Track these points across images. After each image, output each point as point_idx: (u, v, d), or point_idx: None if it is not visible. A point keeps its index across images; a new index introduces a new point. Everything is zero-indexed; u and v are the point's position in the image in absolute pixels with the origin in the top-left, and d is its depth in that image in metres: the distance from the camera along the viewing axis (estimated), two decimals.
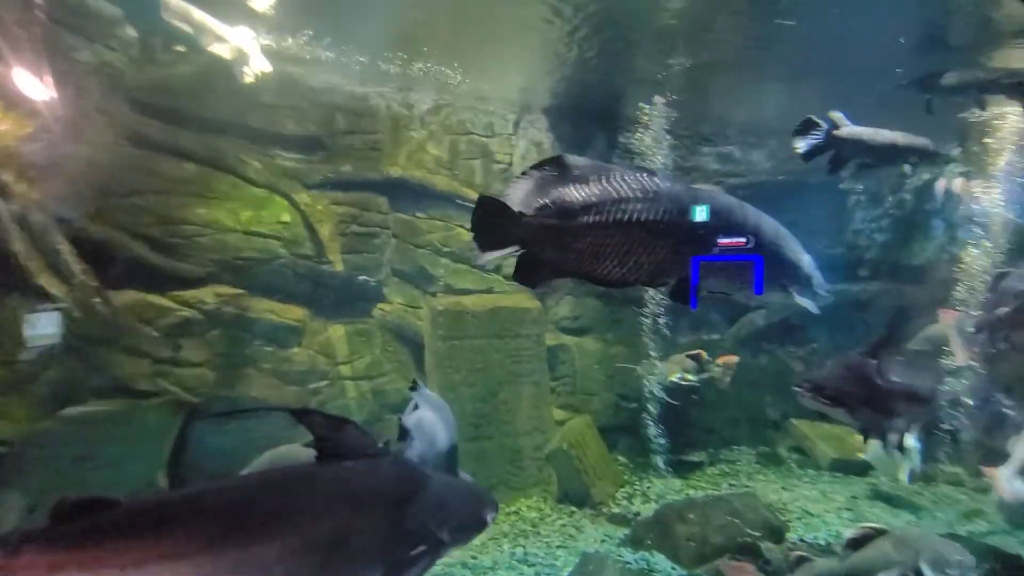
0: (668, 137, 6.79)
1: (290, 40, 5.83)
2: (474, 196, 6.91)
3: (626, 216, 2.45)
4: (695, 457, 7.41)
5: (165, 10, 4.47)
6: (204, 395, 5.37)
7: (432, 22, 5.54)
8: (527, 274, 2.54)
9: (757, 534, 4.92)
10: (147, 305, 5.24)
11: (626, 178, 2.49)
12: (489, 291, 6.99)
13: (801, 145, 4.15)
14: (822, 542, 5.28)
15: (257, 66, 5.04)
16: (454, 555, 5.02)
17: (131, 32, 5.09)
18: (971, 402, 6.15)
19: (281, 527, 1.61)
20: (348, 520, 1.74)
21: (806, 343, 7.94)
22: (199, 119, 5.71)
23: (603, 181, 2.47)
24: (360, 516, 1.78)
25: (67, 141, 4.85)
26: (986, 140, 6.57)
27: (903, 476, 6.12)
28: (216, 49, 4.87)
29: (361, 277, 6.35)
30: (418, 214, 6.84)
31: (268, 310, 5.77)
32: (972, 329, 6.03)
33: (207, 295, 5.52)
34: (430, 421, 3.21)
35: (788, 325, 7.89)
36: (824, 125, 4.21)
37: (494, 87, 6.98)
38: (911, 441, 5.78)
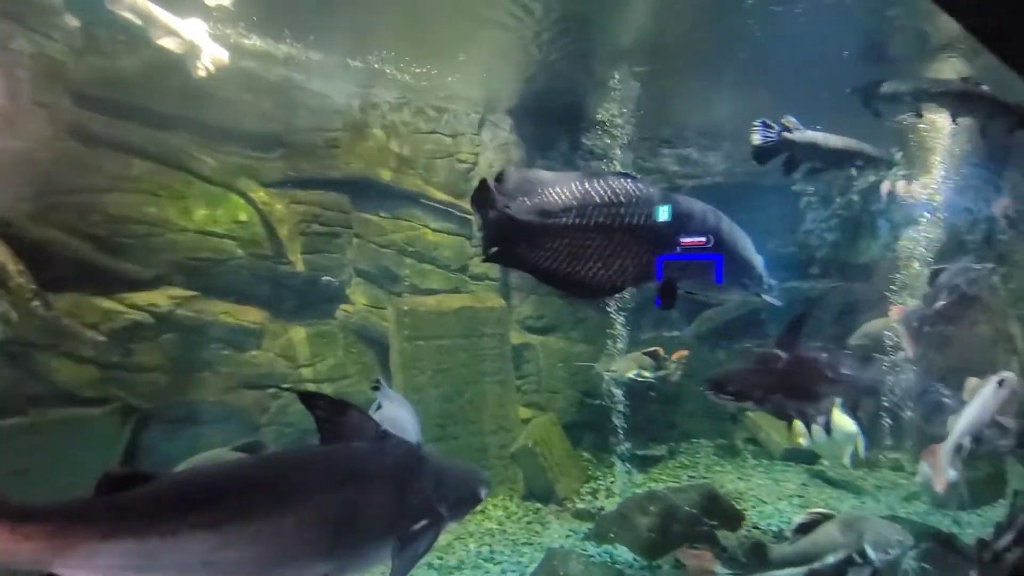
0: (630, 139, 6.95)
1: (247, 35, 5.65)
2: (438, 196, 6.94)
3: (610, 220, 2.51)
4: (657, 451, 7.60)
5: (111, 0, 4.26)
6: (157, 401, 5.17)
7: (396, 19, 5.48)
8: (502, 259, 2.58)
9: (714, 523, 5.10)
10: (93, 308, 4.99)
11: (610, 182, 2.56)
12: (455, 291, 6.97)
13: (756, 145, 4.32)
14: (775, 528, 5.52)
15: (211, 60, 4.86)
16: None
17: (73, 21, 4.83)
18: (911, 391, 6.55)
19: (296, 502, 1.75)
20: (357, 496, 1.88)
21: (760, 338, 8.26)
22: (148, 113, 5.47)
23: (586, 184, 2.52)
24: (368, 493, 1.92)
25: (2, 135, 4.58)
26: (924, 144, 6.99)
27: (846, 460, 6.48)
28: (166, 42, 4.68)
29: (324, 278, 6.23)
30: (382, 213, 6.75)
31: (224, 312, 5.59)
32: (916, 323, 6.43)
33: (160, 297, 5.30)
34: (394, 419, 3.22)
35: (743, 321, 8.19)
36: (777, 128, 4.39)
37: (459, 87, 6.96)
38: (852, 426, 6.13)
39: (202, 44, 4.92)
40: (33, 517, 1.46)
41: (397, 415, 3.34)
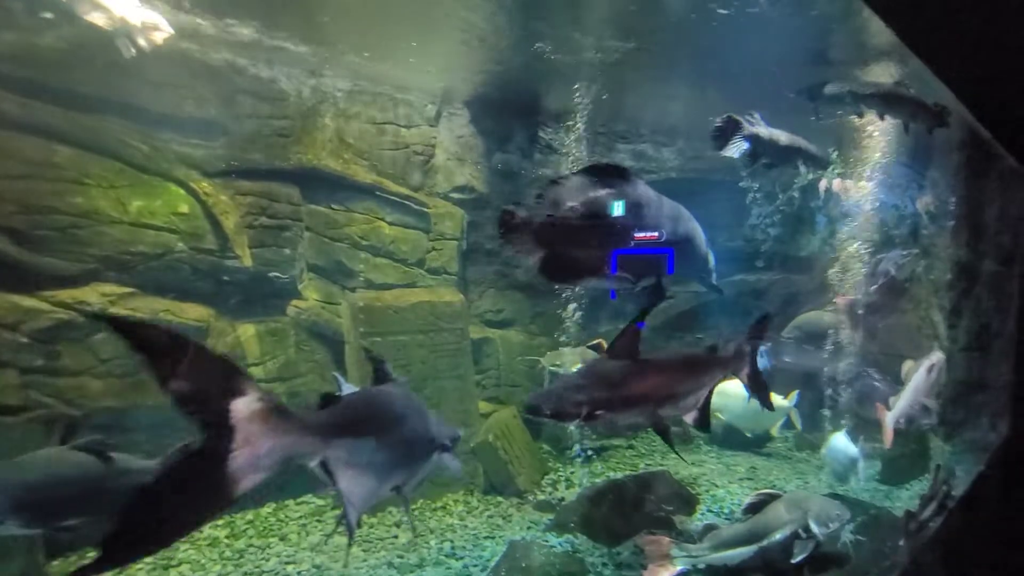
0: (587, 133, 7.01)
1: (186, 13, 5.28)
2: (394, 188, 6.77)
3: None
4: (615, 441, 7.76)
5: None
6: (86, 408, 4.78)
7: (349, 3, 5.27)
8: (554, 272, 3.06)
9: (670, 508, 5.25)
10: (11, 307, 4.54)
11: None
12: (412, 286, 6.83)
13: (733, 147, 4.48)
14: (727, 510, 5.75)
15: (143, 38, 4.50)
16: (380, 556, 4.88)
17: None
18: (846, 377, 6.99)
19: (404, 422, 2.55)
20: (413, 425, 2.62)
21: (710, 329, 8.58)
22: (72, 95, 5.01)
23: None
24: (416, 422, 2.66)
25: None
26: (859, 144, 7.44)
27: (775, 431, 6.97)
28: (94, 18, 4.28)
29: (272, 273, 5.95)
30: (334, 206, 6.51)
31: (165, 310, 5.23)
32: (860, 311, 6.86)
33: (90, 295, 4.90)
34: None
35: (694, 313, 8.47)
36: (744, 123, 4.56)
37: (414, 77, 6.79)
38: (786, 402, 6.56)
39: (133, 21, 4.56)
40: (312, 420, 2.01)
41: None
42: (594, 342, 6.74)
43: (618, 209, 3.10)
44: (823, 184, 8.09)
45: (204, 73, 5.70)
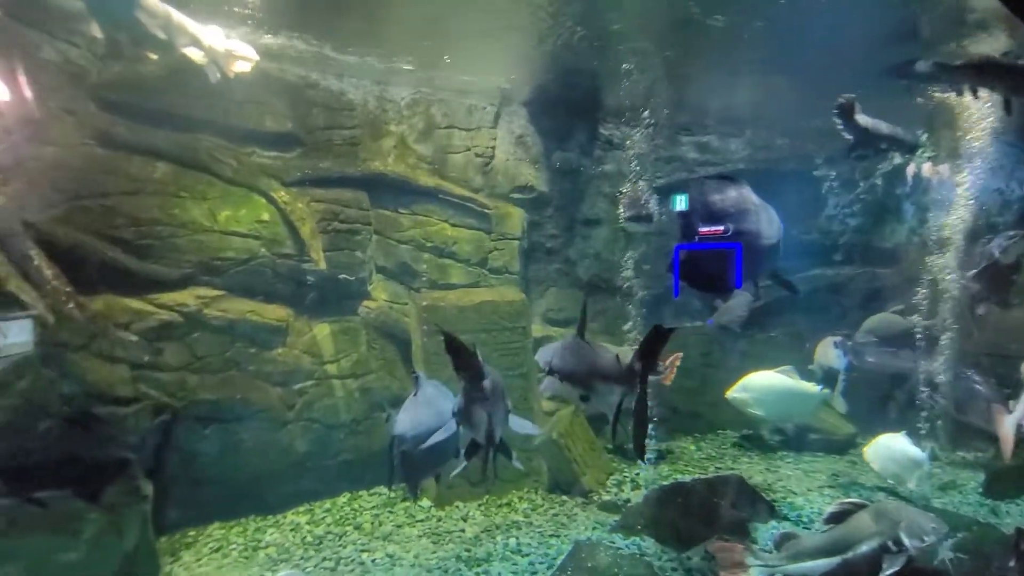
0: (649, 127, 6.87)
1: (265, 35, 5.69)
2: (456, 190, 6.95)
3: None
4: (682, 442, 7.54)
5: (140, 9, 4.28)
6: (185, 399, 5.26)
7: (409, 13, 5.47)
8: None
9: (744, 514, 5.03)
10: (123, 309, 5.09)
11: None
12: (475, 285, 6.98)
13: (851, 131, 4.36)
14: (805, 519, 5.44)
15: (234, 66, 4.89)
16: (448, 548, 5.02)
17: (96, 29, 4.89)
18: (944, 380, 6.39)
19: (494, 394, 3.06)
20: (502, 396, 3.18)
21: (785, 327, 8.13)
22: (170, 117, 5.55)
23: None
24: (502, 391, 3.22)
25: (32, 143, 4.67)
26: (951, 125, 6.80)
27: (839, 406, 6.54)
28: (190, 51, 4.69)
29: (340, 276, 6.26)
30: (400, 209, 6.78)
31: (250, 311, 5.66)
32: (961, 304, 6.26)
33: (187, 297, 5.39)
34: (432, 399, 3.79)
35: (767, 310, 8.06)
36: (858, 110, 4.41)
37: (474, 79, 6.94)
38: (814, 387, 6.38)
39: (221, 49, 4.95)
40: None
41: (436, 396, 3.83)
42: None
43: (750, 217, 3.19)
44: (911, 169, 7.45)
45: (281, 89, 6.13)
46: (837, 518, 4.07)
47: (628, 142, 7.21)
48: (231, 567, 4.79)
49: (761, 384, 6.26)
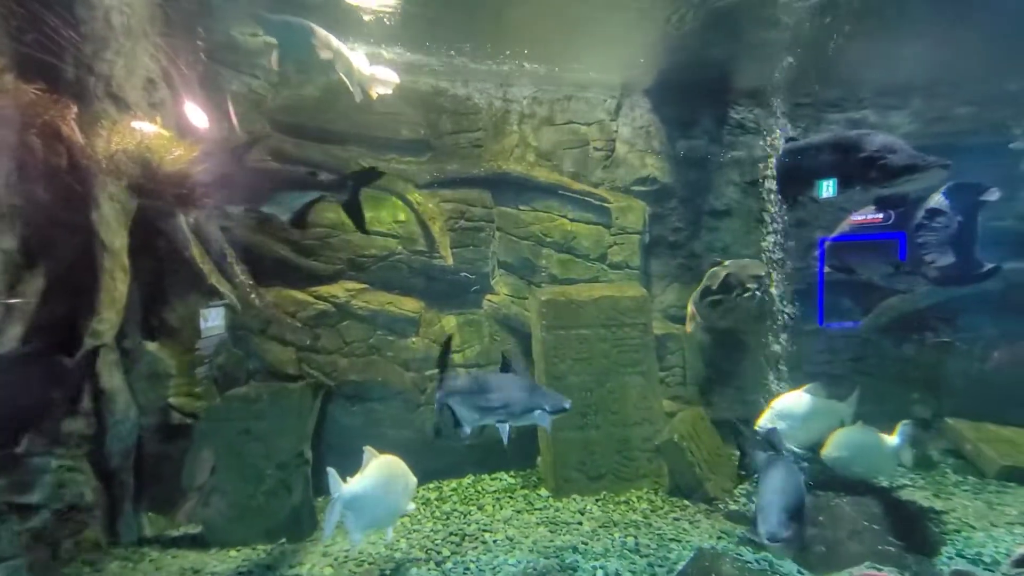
0: (787, 105, 6.23)
1: (401, 51, 6.26)
2: (574, 186, 6.97)
3: None
4: None
5: (314, 37, 4.96)
6: (337, 380, 6.02)
7: (528, 12, 5.60)
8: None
9: (901, 544, 4.40)
10: (291, 300, 5.99)
11: None
12: (594, 280, 6.96)
13: None
14: (986, 559, 4.59)
15: (377, 89, 5.50)
16: (565, 539, 5.12)
17: (275, 60, 5.73)
18: None
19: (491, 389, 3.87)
20: (515, 391, 3.86)
21: (968, 331, 6.86)
22: (325, 133, 6.37)
23: None
24: (518, 391, 3.87)
25: (227, 161, 5.65)
26: None
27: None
28: (345, 75, 5.30)
29: (462, 273, 6.64)
30: (521, 206, 7.00)
31: (389, 303, 6.29)
32: None
33: (338, 290, 6.16)
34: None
35: (944, 310, 6.88)
36: None
37: (593, 73, 6.89)
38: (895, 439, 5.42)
39: (365, 71, 5.52)
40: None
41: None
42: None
43: None
44: None
45: (415, 99, 6.69)
46: None
47: (762, 125, 6.59)
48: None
49: (824, 421, 5.45)
